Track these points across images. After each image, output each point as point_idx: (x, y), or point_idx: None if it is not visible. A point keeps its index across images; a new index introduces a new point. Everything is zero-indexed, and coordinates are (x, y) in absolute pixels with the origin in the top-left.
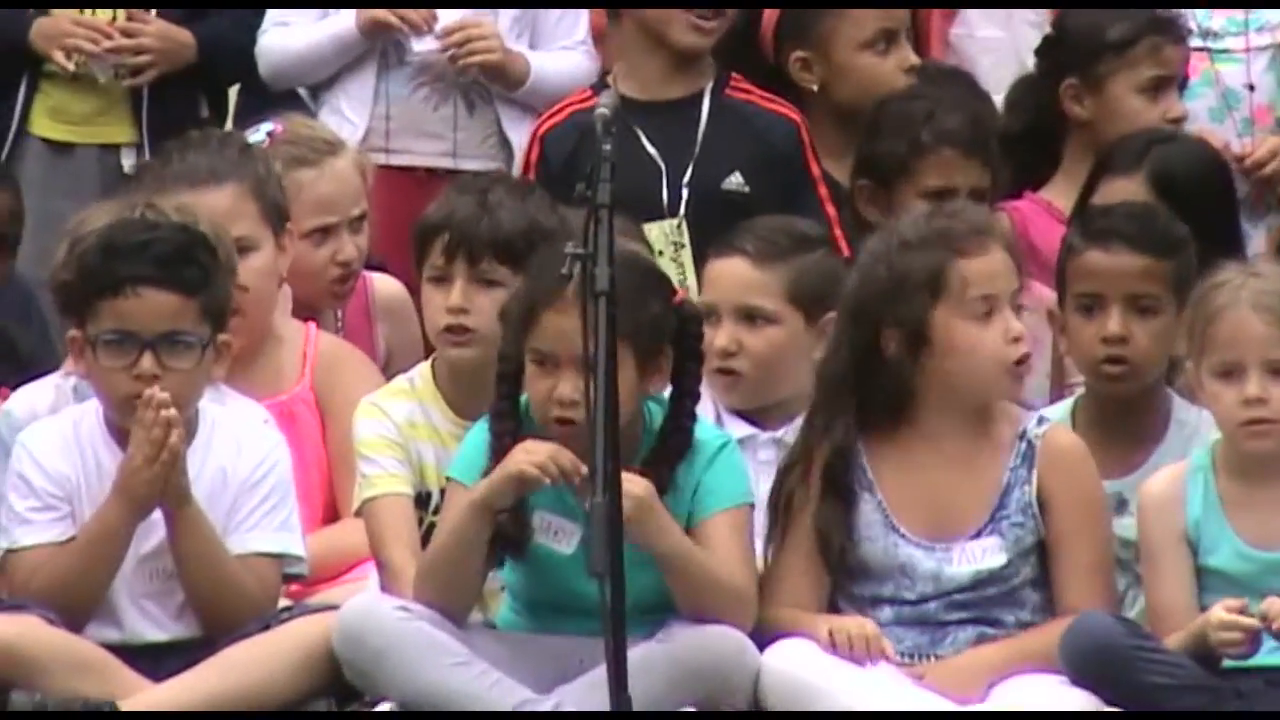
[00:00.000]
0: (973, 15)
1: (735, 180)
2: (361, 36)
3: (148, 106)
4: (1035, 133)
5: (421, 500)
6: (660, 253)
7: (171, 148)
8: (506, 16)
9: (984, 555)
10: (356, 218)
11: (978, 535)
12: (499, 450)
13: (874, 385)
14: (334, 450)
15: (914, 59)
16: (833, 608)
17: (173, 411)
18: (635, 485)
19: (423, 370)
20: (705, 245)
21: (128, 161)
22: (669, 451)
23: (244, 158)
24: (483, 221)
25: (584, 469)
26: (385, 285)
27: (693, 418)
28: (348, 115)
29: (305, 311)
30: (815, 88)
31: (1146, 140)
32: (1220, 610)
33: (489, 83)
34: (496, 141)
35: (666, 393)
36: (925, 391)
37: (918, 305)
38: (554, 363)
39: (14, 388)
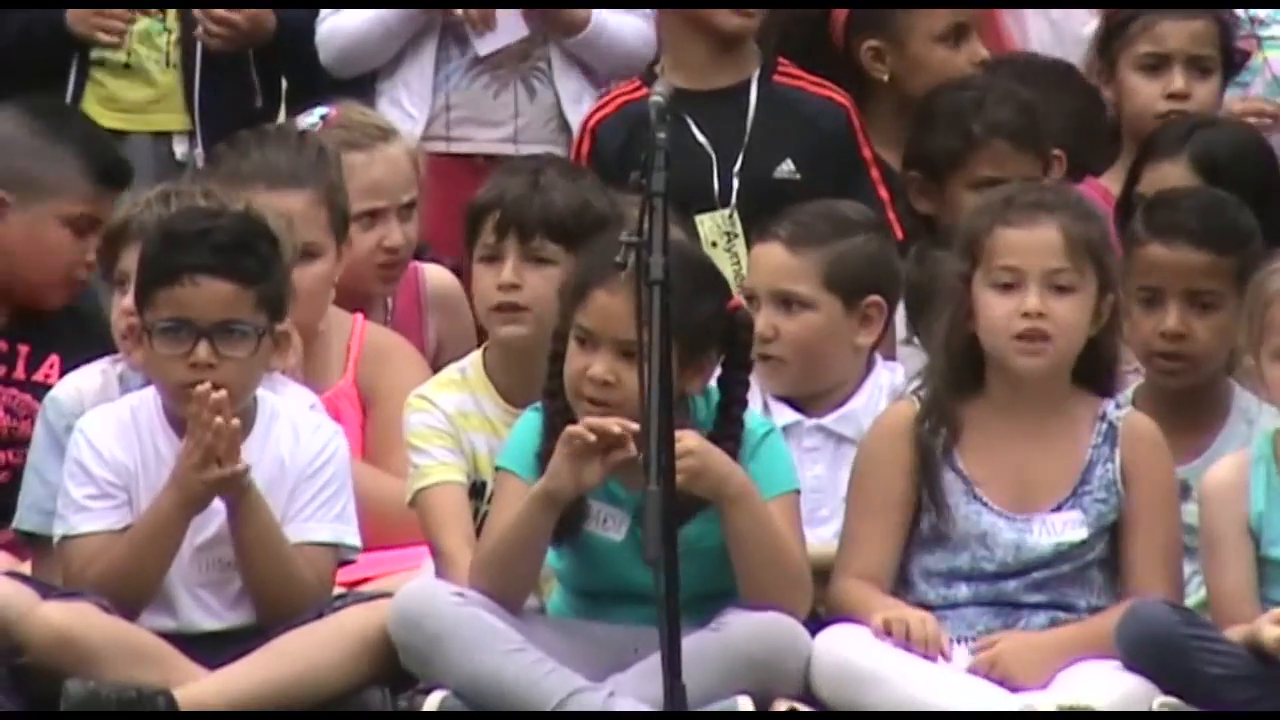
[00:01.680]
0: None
1: (787, 168)
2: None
3: (200, 95)
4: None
5: (476, 490)
6: (714, 244)
7: (249, 140)
8: None
9: (1065, 528)
10: (406, 205)
11: (1059, 509)
12: (552, 430)
13: (956, 350)
14: (374, 440)
15: (984, 53)
16: (908, 583)
17: (234, 421)
18: (687, 439)
19: (474, 359)
20: None
21: (180, 149)
22: None
23: (321, 162)
24: (535, 199)
25: (634, 426)
26: (437, 276)
27: (741, 425)
28: (408, 109)
29: (354, 299)
30: (886, 78)
31: (1189, 125)
32: (1270, 626)
33: (549, 27)
34: (557, 126)
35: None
36: (990, 359)
37: (963, 266)
38: (594, 342)
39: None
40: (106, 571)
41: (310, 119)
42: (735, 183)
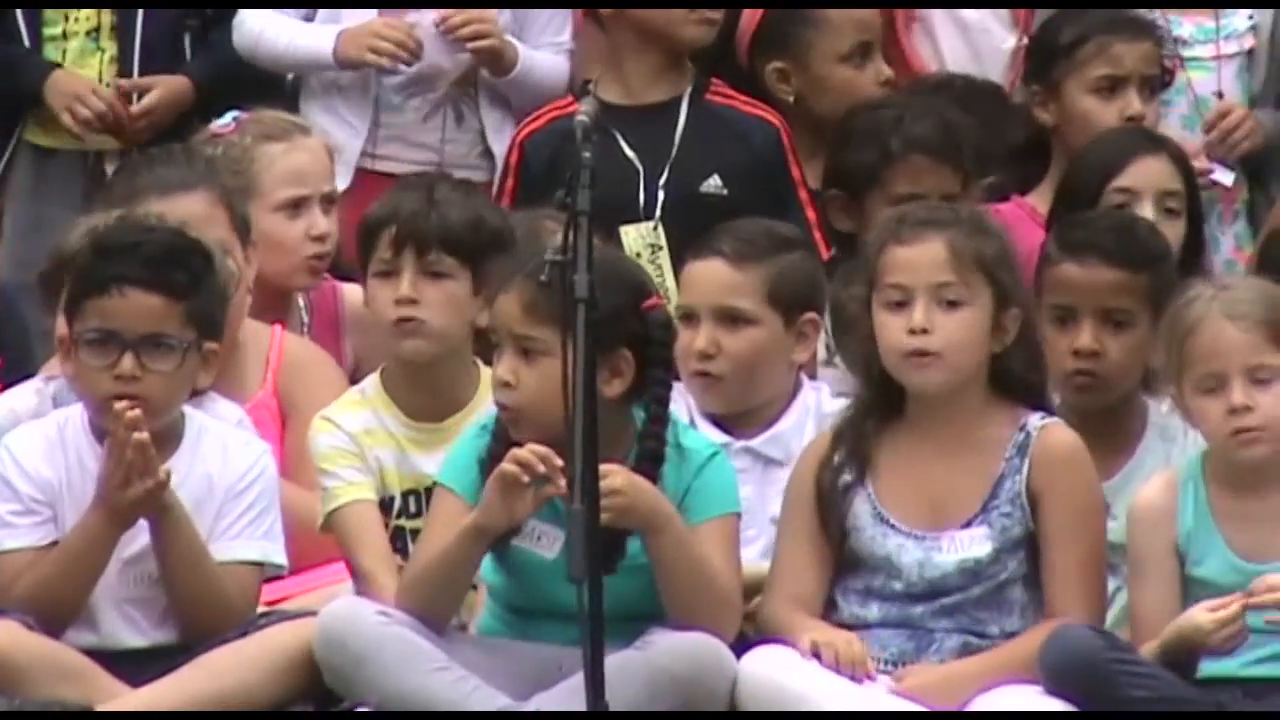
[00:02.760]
0: (936, 23)
1: (714, 183)
2: (337, 66)
3: None
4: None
5: (384, 505)
6: (638, 255)
7: (139, 161)
8: (501, 12)
9: (971, 544)
10: (327, 196)
11: (968, 525)
12: (499, 440)
13: (870, 374)
14: (293, 450)
15: (888, 72)
16: (832, 601)
17: (145, 435)
18: (615, 477)
19: (373, 379)
20: (685, 248)
21: (111, 167)
22: (644, 461)
23: (210, 169)
24: (431, 214)
25: (558, 461)
26: (356, 296)
27: (664, 425)
28: (345, 117)
29: (276, 300)
30: (791, 99)
31: (1139, 128)
32: (1205, 613)
33: (482, 65)
34: (481, 153)
35: None
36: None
37: (864, 291)
38: (499, 344)
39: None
40: (32, 589)
41: (222, 120)
42: (661, 195)
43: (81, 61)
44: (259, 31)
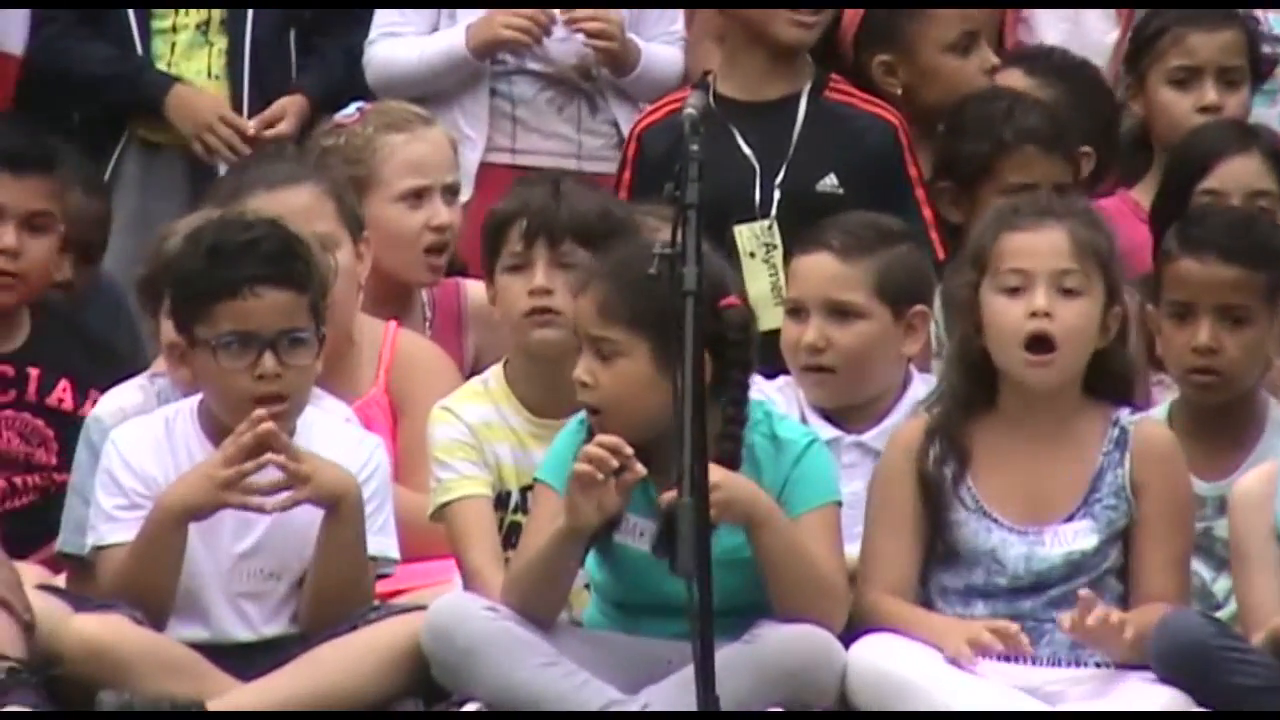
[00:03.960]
0: (1039, 16)
1: (830, 182)
2: (474, 57)
3: (248, 112)
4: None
5: (501, 500)
6: (751, 254)
7: (247, 160)
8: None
9: (1076, 537)
10: (449, 187)
11: (1070, 519)
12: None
13: (968, 363)
14: (405, 448)
15: (994, 60)
16: (927, 601)
17: (272, 426)
18: (712, 472)
19: (495, 371)
20: None
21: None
22: (721, 462)
23: (321, 163)
24: (560, 205)
25: (628, 449)
26: (479, 291)
27: (740, 425)
28: (465, 131)
29: (397, 296)
30: (899, 91)
31: (1234, 124)
32: None
33: (603, 65)
34: (618, 143)
35: None
36: (1003, 375)
37: (971, 276)
38: (580, 344)
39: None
40: (118, 581)
41: (347, 110)
42: (777, 194)
43: (190, 55)
44: (387, 60)
